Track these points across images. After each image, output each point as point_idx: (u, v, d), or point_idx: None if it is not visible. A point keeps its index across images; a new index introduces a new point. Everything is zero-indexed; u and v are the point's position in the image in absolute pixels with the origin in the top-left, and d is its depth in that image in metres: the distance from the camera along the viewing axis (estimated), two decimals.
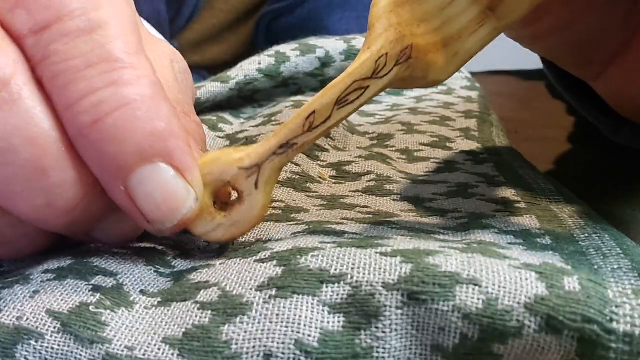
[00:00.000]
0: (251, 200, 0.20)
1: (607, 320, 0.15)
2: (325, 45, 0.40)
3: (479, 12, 0.19)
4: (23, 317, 0.17)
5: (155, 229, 0.18)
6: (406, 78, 0.19)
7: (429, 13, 0.19)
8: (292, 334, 0.16)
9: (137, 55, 0.18)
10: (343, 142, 0.33)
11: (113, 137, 0.17)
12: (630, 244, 0.19)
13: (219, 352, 0.16)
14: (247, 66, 0.38)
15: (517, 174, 0.27)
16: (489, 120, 0.36)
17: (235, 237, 0.20)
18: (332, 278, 0.17)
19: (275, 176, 0.20)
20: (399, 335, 0.16)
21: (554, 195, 0.24)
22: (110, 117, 0.17)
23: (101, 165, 0.17)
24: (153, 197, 0.18)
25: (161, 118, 0.18)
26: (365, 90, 0.19)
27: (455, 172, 0.27)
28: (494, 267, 0.16)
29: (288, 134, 0.19)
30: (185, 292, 0.18)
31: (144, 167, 0.18)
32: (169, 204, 0.18)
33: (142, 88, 0.17)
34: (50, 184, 0.17)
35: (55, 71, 0.17)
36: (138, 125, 0.17)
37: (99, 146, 0.17)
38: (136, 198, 0.18)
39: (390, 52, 0.19)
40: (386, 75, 0.19)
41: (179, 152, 0.18)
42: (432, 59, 0.19)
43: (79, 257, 0.19)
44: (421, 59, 0.19)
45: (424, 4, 0.19)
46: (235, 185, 0.19)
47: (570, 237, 0.20)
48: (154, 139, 0.17)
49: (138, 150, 0.17)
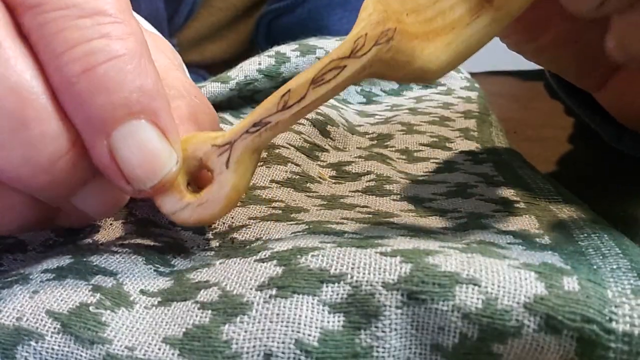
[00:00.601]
0: (221, 179, 0.19)
1: (606, 320, 0.15)
2: (325, 46, 0.40)
3: (475, 3, 0.19)
4: (23, 318, 0.17)
5: (134, 190, 0.18)
6: (388, 61, 0.19)
7: (421, 4, 0.19)
8: (292, 334, 0.16)
9: (128, 14, 0.18)
10: (343, 142, 0.33)
11: (103, 88, 0.17)
12: (629, 244, 0.19)
13: (220, 351, 0.16)
14: (247, 66, 0.38)
15: (516, 173, 0.27)
16: (488, 120, 0.36)
17: (203, 220, 0.19)
18: (332, 278, 0.17)
19: (250, 157, 0.19)
20: (399, 335, 0.16)
21: (553, 195, 0.24)
22: (101, 67, 0.17)
23: (86, 117, 0.17)
24: (135, 155, 0.18)
25: (149, 76, 0.18)
26: (342, 69, 0.18)
27: (455, 172, 0.28)
28: (493, 266, 0.16)
29: (262, 112, 0.19)
30: (186, 292, 0.18)
31: (129, 122, 0.17)
32: (151, 163, 0.18)
33: (133, 44, 0.18)
34: (30, 137, 0.17)
35: (45, 19, 0.17)
36: (128, 79, 0.17)
37: (87, 96, 0.17)
38: (118, 155, 0.18)
39: (370, 32, 0.18)
40: (364, 55, 0.18)
41: (164, 114, 0.18)
42: (418, 45, 0.19)
43: (78, 256, 0.19)
44: (405, 44, 0.19)
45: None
46: (207, 164, 0.19)
47: (569, 237, 0.20)
48: (142, 94, 0.17)
49: (126, 103, 0.17)
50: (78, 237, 0.23)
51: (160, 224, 0.23)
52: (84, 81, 0.17)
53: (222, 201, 0.19)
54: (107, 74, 0.17)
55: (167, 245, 0.21)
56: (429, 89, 0.43)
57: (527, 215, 0.22)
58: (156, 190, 0.19)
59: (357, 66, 0.18)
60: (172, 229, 0.23)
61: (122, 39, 0.17)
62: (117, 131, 0.17)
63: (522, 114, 0.47)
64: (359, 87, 0.42)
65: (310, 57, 0.39)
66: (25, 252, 0.23)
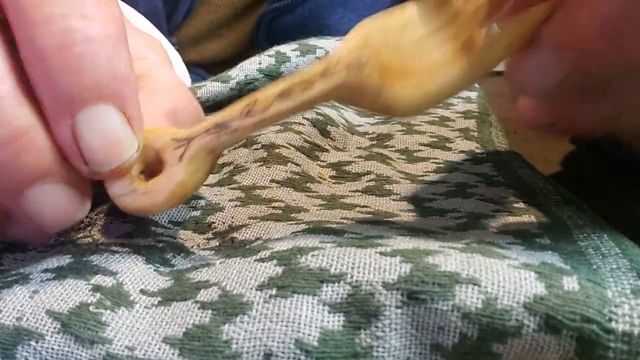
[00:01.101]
0: (170, 172, 0.19)
1: (606, 319, 0.15)
2: (325, 46, 0.40)
3: (455, 49, 0.19)
4: (23, 318, 0.17)
5: (90, 172, 0.18)
6: (356, 88, 0.19)
7: (402, 42, 0.19)
8: (292, 333, 0.16)
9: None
10: (343, 142, 0.33)
11: (76, 68, 0.17)
12: (628, 244, 0.19)
13: (220, 351, 0.16)
14: (248, 66, 0.38)
15: (516, 174, 0.27)
16: (488, 120, 0.36)
17: (143, 208, 0.19)
18: (332, 277, 0.17)
19: (204, 157, 0.19)
20: (399, 335, 0.16)
21: (553, 195, 0.24)
22: (77, 47, 0.17)
23: (54, 93, 0.17)
24: (98, 139, 0.18)
25: (123, 63, 0.18)
26: (310, 88, 0.19)
27: (455, 172, 0.28)
28: (493, 266, 0.16)
29: (225, 116, 0.19)
30: (185, 292, 0.18)
31: (96, 106, 0.17)
32: (112, 148, 0.18)
33: (112, 29, 0.17)
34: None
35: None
36: (102, 63, 0.17)
37: (58, 73, 0.17)
38: (81, 136, 0.17)
39: (344, 57, 0.18)
40: (332, 75, 0.18)
41: (132, 101, 0.18)
42: (389, 81, 0.19)
43: (78, 255, 0.19)
44: (376, 75, 0.18)
45: (396, 36, 0.19)
46: (162, 154, 0.19)
47: (569, 237, 0.20)
48: (113, 79, 0.17)
49: (96, 86, 0.17)
50: (78, 236, 0.23)
51: (161, 223, 0.23)
52: (57, 58, 0.17)
53: (166, 194, 0.19)
54: (82, 54, 0.17)
55: (167, 244, 0.21)
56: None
57: (527, 216, 0.22)
58: (112, 174, 0.18)
59: (325, 87, 0.19)
60: (172, 229, 0.23)
61: (101, 22, 0.17)
62: (83, 113, 0.17)
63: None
64: None
65: (311, 56, 0.39)
66: (25, 252, 0.23)
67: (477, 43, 0.19)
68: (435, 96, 0.19)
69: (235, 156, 0.30)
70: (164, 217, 0.24)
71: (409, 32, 0.19)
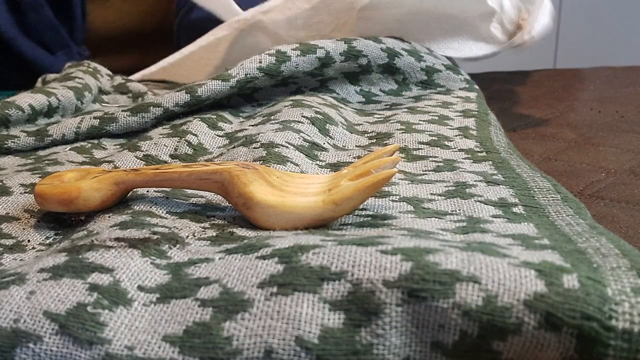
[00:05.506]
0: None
1: (606, 317, 0.15)
2: (325, 46, 0.40)
3: (322, 190, 0.23)
4: (20, 320, 0.17)
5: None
6: (229, 183, 0.23)
7: (291, 174, 0.25)
8: (292, 331, 0.16)
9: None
10: (342, 141, 0.33)
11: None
12: (627, 246, 0.19)
13: (220, 348, 0.16)
14: (248, 64, 0.38)
15: (514, 172, 0.27)
16: (487, 119, 0.36)
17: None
18: (332, 275, 0.17)
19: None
20: (399, 332, 0.16)
21: (552, 194, 0.24)
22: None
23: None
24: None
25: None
26: (197, 167, 0.24)
27: (454, 170, 0.28)
28: (493, 264, 0.16)
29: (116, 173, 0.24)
30: (185, 289, 0.18)
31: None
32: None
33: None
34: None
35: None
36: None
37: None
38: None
39: (234, 167, 0.23)
40: (218, 173, 0.23)
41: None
42: (262, 189, 0.22)
43: (73, 253, 0.19)
44: (241, 185, 0.22)
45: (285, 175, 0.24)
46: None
47: (568, 240, 0.20)
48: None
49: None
50: (75, 232, 0.22)
51: (156, 214, 0.23)
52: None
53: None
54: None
55: (163, 236, 0.21)
56: (427, 89, 0.43)
57: (526, 223, 0.22)
58: None
59: (205, 169, 0.23)
60: (168, 218, 0.23)
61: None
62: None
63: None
64: (358, 87, 0.42)
65: (311, 56, 0.39)
66: (25, 252, 0.23)
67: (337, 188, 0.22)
68: (292, 219, 0.22)
69: (234, 155, 0.30)
70: (161, 208, 0.24)
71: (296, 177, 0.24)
